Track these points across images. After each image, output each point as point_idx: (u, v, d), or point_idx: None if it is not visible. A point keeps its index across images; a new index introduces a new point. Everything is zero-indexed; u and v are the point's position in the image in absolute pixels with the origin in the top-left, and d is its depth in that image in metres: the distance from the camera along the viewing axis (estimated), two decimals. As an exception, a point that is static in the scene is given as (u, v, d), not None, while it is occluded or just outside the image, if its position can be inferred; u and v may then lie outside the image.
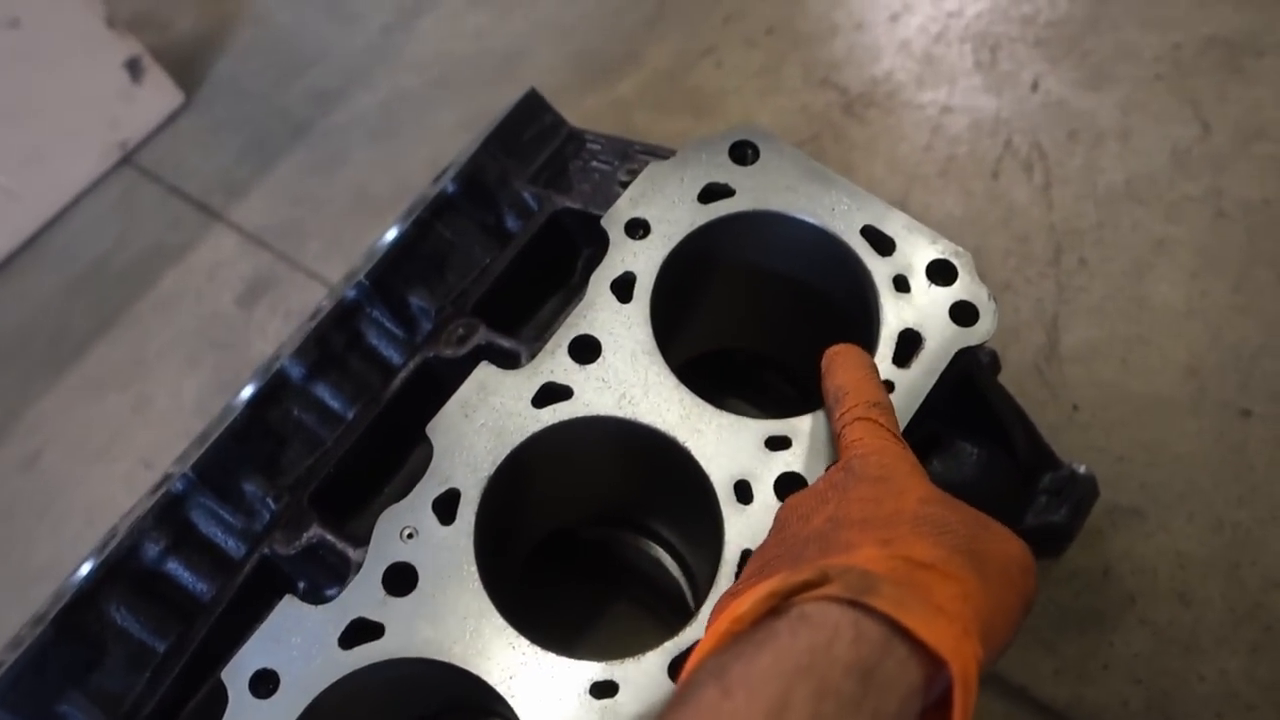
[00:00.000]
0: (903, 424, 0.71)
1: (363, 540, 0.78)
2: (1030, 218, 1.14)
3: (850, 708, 0.46)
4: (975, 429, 0.85)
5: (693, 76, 1.54)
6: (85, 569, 0.83)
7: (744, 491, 0.69)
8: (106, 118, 2.03)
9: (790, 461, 0.69)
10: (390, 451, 0.86)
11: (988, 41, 1.34)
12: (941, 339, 0.73)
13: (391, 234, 0.93)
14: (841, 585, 0.50)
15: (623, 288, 0.75)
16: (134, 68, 2.03)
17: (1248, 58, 1.16)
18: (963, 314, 0.74)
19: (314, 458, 0.84)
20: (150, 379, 1.61)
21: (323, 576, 0.80)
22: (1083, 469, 0.89)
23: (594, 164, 0.93)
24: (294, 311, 1.57)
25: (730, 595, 0.59)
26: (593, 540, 0.90)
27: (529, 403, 0.72)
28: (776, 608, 0.51)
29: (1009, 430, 0.85)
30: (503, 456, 0.70)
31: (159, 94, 2.08)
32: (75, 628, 0.76)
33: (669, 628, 0.95)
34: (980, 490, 0.87)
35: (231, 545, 0.82)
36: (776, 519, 0.65)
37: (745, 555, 0.66)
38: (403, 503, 0.70)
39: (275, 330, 1.56)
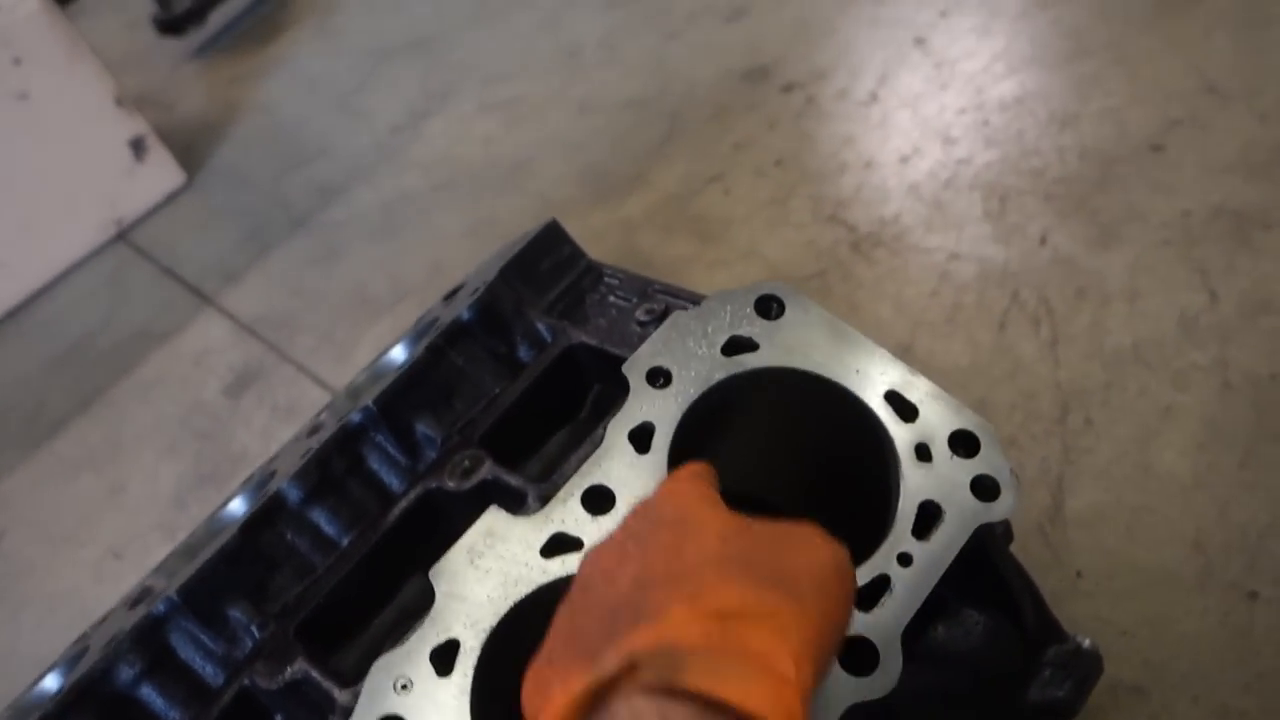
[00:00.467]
0: (919, 599, 0.69)
1: (347, 677, 0.75)
2: (1037, 374, 1.14)
3: None
4: (982, 597, 0.84)
5: (699, 202, 1.55)
6: (52, 684, 0.79)
7: (755, 661, 0.66)
8: (106, 193, 2.03)
9: (804, 632, 0.67)
10: (384, 583, 0.83)
11: (997, 191, 1.36)
12: (961, 512, 0.72)
13: (401, 356, 0.92)
14: (651, 672, 0.49)
15: (641, 438, 0.73)
16: (138, 146, 2.04)
17: (1256, 230, 1.18)
18: (984, 488, 0.72)
19: (304, 585, 0.81)
20: (126, 464, 1.58)
21: (304, 713, 0.76)
22: (1088, 643, 0.87)
23: (611, 299, 0.92)
24: (281, 406, 1.54)
25: (544, 666, 0.58)
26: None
27: (538, 553, 0.70)
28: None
29: (1018, 601, 0.83)
30: (507, 608, 0.68)
31: (161, 174, 2.08)
32: (37, 754, 0.73)
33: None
34: (985, 660, 0.85)
35: (210, 672, 0.78)
36: (580, 575, 0.63)
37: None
38: (399, 650, 0.67)
39: (261, 423, 1.53)
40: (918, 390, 0.76)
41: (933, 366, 1.18)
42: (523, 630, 0.70)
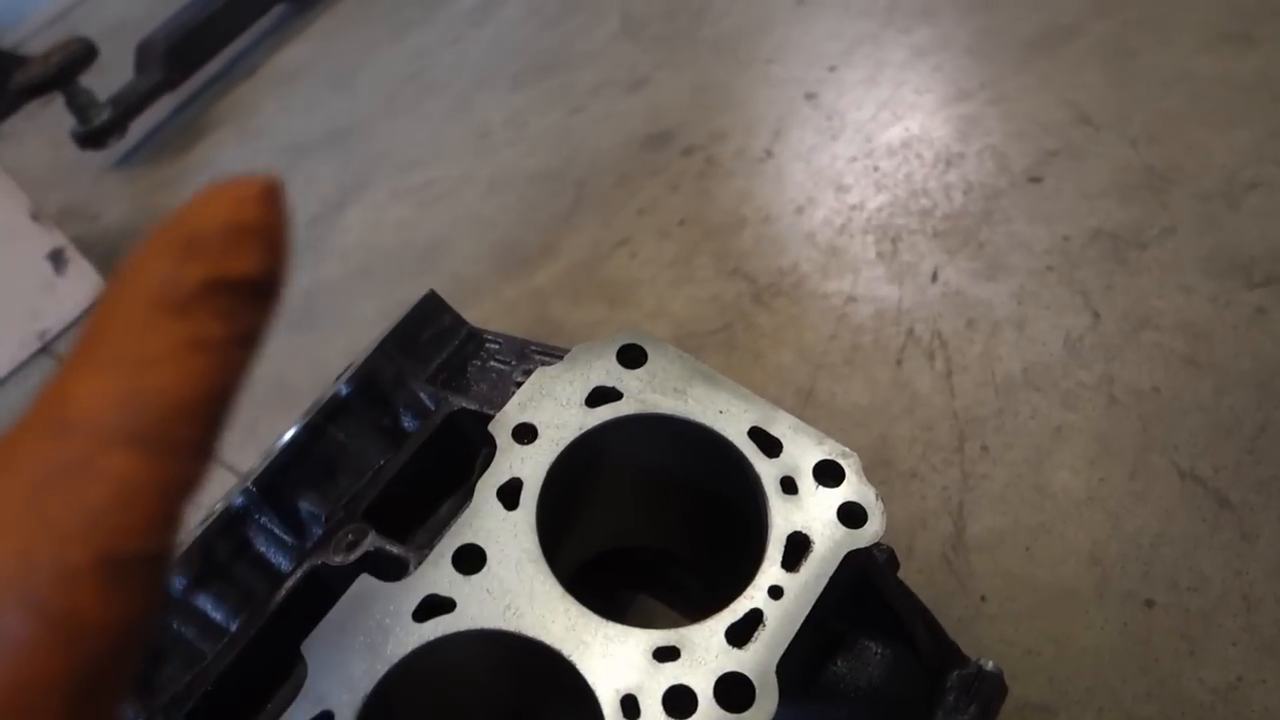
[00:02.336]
0: (792, 630, 0.70)
1: (239, 765, 0.74)
2: (934, 405, 1.15)
3: None
4: (879, 628, 0.84)
5: (607, 267, 1.57)
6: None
7: (631, 707, 0.66)
8: (27, 308, 2.02)
9: (679, 674, 0.67)
10: (274, 666, 0.82)
11: (889, 233, 1.39)
12: (830, 541, 0.72)
13: (288, 435, 0.92)
14: None
15: (509, 494, 0.74)
16: (57, 259, 2.04)
17: (1132, 250, 1.21)
18: (850, 516, 0.73)
19: (192, 674, 0.80)
20: (51, 578, 1.55)
21: (192, 807, 0.75)
22: (990, 665, 0.88)
23: (492, 363, 0.93)
24: (203, 502, 1.53)
25: None
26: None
27: (409, 617, 0.70)
28: None
29: (910, 628, 0.84)
30: (379, 675, 0.68)
31: (82, 284, 2.08)
32: None
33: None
34: (889, 690, 0.85)
35: (98, 773, 0.77)
36: None
37: (632, 776, 0.64)
38: (273, 728, 0.67)
39: (187, 525, 1.51)
40: (780, 425, 0.77)
41: (834, 407, 1.20)
42: (401, 696, 0.69)
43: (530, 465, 0.75)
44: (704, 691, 0.67)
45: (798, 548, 0.73)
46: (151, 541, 0.31)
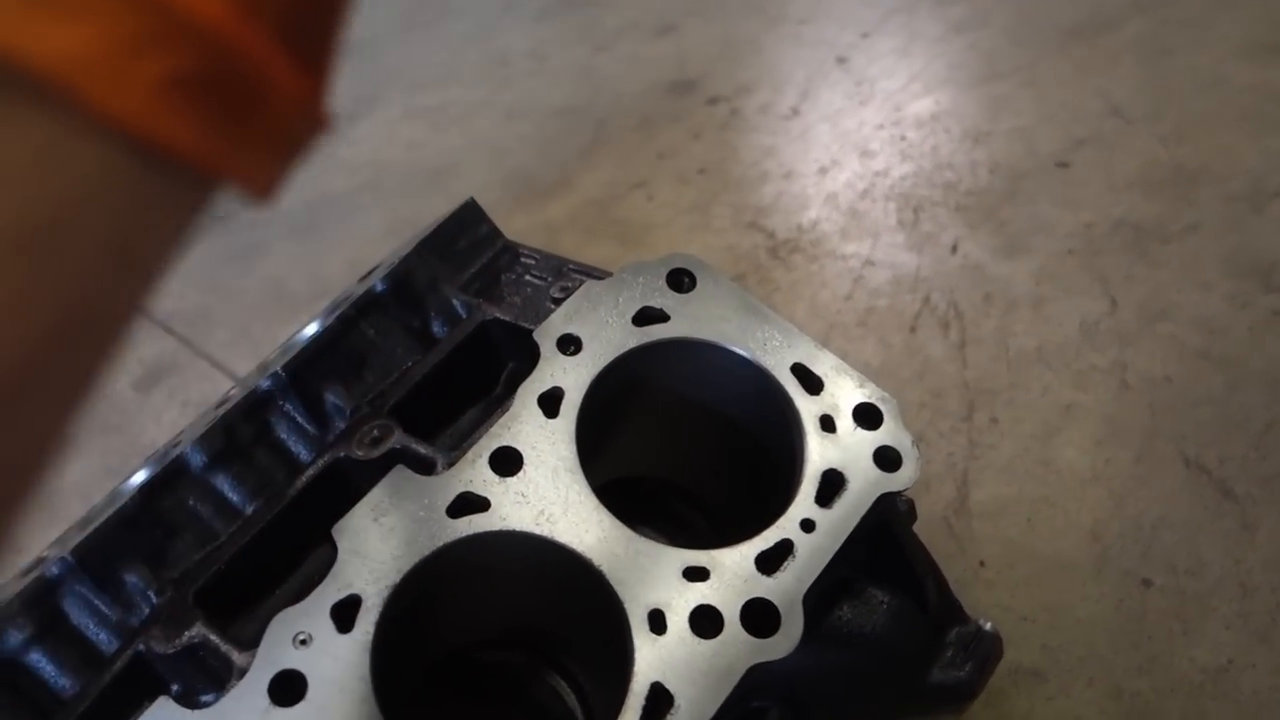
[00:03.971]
0: (821, 564, 0.70)
1: (247, 644, 0.74)
2: (945, 373, 1.16)
3: None
4: (887, 577, 0.85)
5: (622, 207, 1.56)
6: (-64, 654, 0.77)
7: (658, 621, 0.67)
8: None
9: (707, 594, 0.68)
10: (288, 552, 0.81)
11: (911, 202, 1.39)
12: (864, 482, 0.73)
13: (312, 328, 0.91)
14: None
15: (550, 402, 0.74)
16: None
17: (1154, 243, 1.22)
18: (886, 459, 0.74)
19: (205, 551, 0.79)
20: (28, 458, 1.53)
21: (200, 680, 0.75)
22: (989, 626, 0.89)
23: (527, 278, 0.92)
24: (193, 401, 1.51)
25: None
26: (491, 664, 0.87)
27: (443, 512, 0.69)
28: None
29: (921, 581, 0.85)
30: (410, 566, 0.67)
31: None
32: (-84, 718, 0.70)
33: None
34: (890, 640, 0.86)
35: (104, 639, 0.76)
36: None
37: (655, 688, 0.64)
38: (299, 606, 0.66)
39: (171, 419, 1.50)
40: (824, 364, 0.77)
41: (845, 366, 1.21)
42: (427, 589, 0.69)
43: (573, 376, 0.75)
44: (731, 614, 0.68)
45: (832, 485, 0.73)
46: None
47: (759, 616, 0.68)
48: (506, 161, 1.74)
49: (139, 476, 0.84)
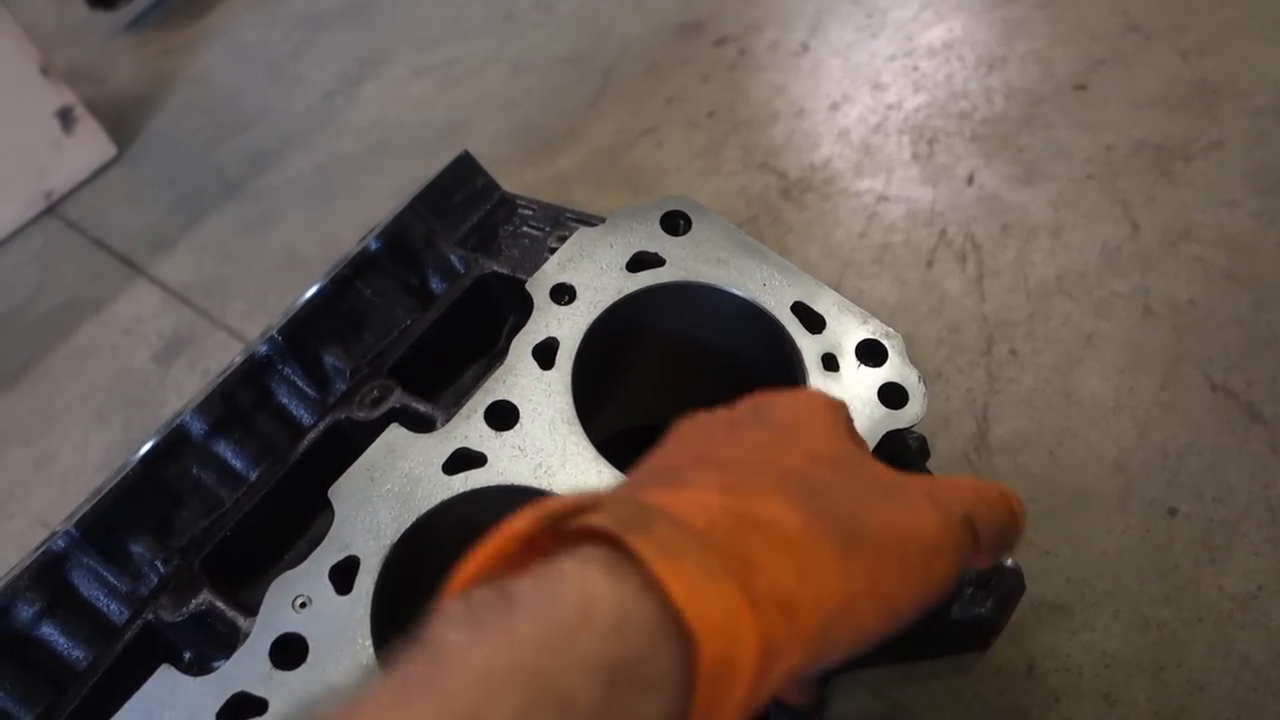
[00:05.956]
0: (827, 506, 0.69)
1: (256, 610, 0.73)
2: (963, 308, 1.14)
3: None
4: (902, 516, 0.83)
5: (633, 155, 1.54)
6: (-48, 632, 0.77)
7: (660, 571, 0.65)
8: (34, 166, 1.98)
9: (709, 541, 0.66)
10: (293, 516, 0.81)
11: (925, 135, 1.36)
12: (870, 420, 0.71)
13: (311, 291, 0.90)
14: (610, 515, 0.39)
15: (545, 354, 0.72)
16: (66, 118, 2.00)
17: (1176, 162, 1.18)
18: (892, 396, 0.72)
19: (210, 519, 0.79)
20: (55, 434, 1.54)
21: (211, 646, 0.75)
22: (1009, 562, 0.87)
23: (525, 229, 0.91)
24: (212, 370, 1.52)
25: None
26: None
27: (439, 469, 0.69)
28: (547, 543, 0.41)
29: (936, 519, 0.83)
30: (407, 524, 0.67)
31: (90, 146, 2.04)
32: (-68, 694, 0.71)
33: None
34: (905, 580, 0.84)
35: (114, 609, 0.76)
36: (659, 442, 0.54)
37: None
38: (298, 569, 0.66)
39: (192, 388, 1.50)
40: (825, 301, 0.75)
41: (861, 304, 1.18)
42: (424, 547, 0.69)
43: (567, 326, 0.74)
44: (734, 560, 0.67)
45: (836, 425, 0.71)
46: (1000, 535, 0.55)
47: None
48: (514, 114, 1.72)
49: (144, 449, 0.84)
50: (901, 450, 0.77)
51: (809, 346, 0.73)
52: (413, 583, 0.70)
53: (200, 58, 2.34)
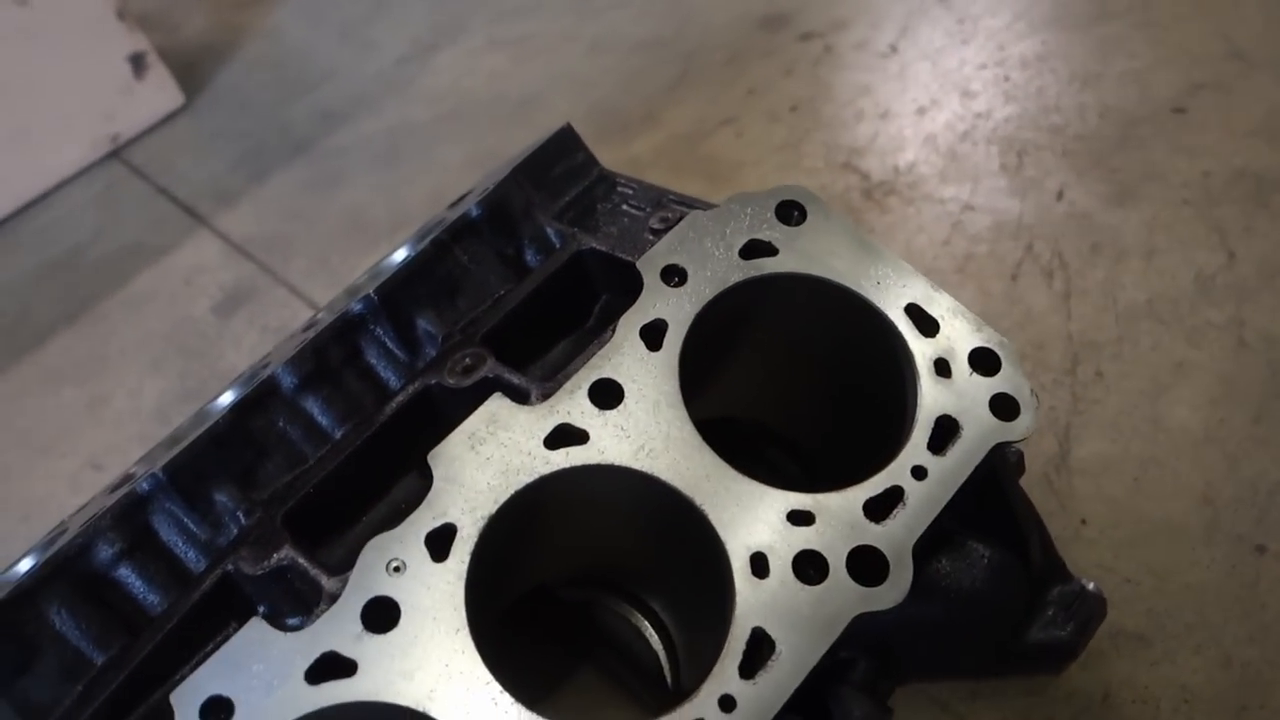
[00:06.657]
0: (933, 513, 0.67)
1: (334, 569, 0.72)
2: (1048, 324, 1.11)
3: None
4: (988, 530, 0.81)
5: (711, 144, 1.52)
6: (26, 564, 0.76)
7: (760, 564, 0.64)
8: (102, 108, 1.98)
9: (812, 539, 0.65)
10: (375, 479, 0.80)
11: (1014, 146, 1.33)
12: (979, 430, 0.69)
13: (403, 252, 0.89)
14: None
15: (653, 334, 0.71)
16: (138, 63, 1.99)
17: (1277, 194, 1.16)
18: (1003, 407, 0.70)
19: (294, 474, 0.78)
20: (110, 378, 1.54)
21: (287, 603, 0.74)
22: (1092, 586, 0.86)
23: (624, 208, 0.89)
24: (272, 326, 1.51)
25: None
26: (575, 601, 0.85)
27: (541, 443, 0.67)
28: None
29: (1026, 536, 0.81)
30: (506, 496, 0.65)
31: (159, 93, 2.04)
32: (8, 627, 0.70)
33: (639, 703, 0.90)
34: (989, 595, 0.83)
35: (192, 557, 0.75)
36: None
37: (756, 633, 0.62)
38: (393, 532, 0.64)
39: (250, 343, 1.50)
40: (940, 305, 0.73)
41: (942, 313, 1.16)
42: (522, 520, 0.67)
43: (677, 308, 0.72)
44: (836, 560, 0.65)
45: (945, 431, 0.70)
46: None
47: (867, 565, 0.66)
48: (591, 94, 1.71)
49: (227, 397, 0.83)
50: (1001, 464, 0.75)
51: (921, 349, 0.72)
52: (506, 555, 0.69)
53: (273, 13, 2.33)
